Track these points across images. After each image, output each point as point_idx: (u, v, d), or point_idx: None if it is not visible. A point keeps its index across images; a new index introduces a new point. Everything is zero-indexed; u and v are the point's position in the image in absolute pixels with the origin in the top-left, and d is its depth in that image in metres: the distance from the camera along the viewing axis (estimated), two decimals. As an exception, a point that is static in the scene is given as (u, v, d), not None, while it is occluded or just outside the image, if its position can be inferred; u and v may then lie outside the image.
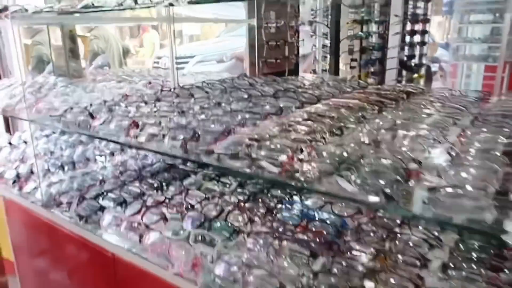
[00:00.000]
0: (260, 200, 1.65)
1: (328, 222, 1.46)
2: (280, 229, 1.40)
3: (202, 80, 2.25)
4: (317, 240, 1.31)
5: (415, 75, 5.05)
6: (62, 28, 2.67)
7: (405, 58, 4.80)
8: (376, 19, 4.11)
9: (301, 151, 1.01)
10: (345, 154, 1.00)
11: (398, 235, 1.28)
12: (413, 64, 4.90)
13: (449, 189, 0.79)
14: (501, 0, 5.32)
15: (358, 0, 3.97)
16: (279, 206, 1.60)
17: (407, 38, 4.65)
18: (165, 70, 2.99)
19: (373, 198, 0.80)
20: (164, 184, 1.85)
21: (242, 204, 1.61)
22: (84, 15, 1.86)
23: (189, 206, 1.59)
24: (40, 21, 2.25)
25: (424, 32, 4.78)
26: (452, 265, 1.12)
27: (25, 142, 2.52)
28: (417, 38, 4.77)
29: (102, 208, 1.65)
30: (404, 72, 4.93)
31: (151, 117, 1.44)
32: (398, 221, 1.36)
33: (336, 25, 3.96)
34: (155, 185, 1.84)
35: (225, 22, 4.18)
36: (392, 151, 1.02)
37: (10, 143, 2.51)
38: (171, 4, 1.11)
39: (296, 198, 1.63)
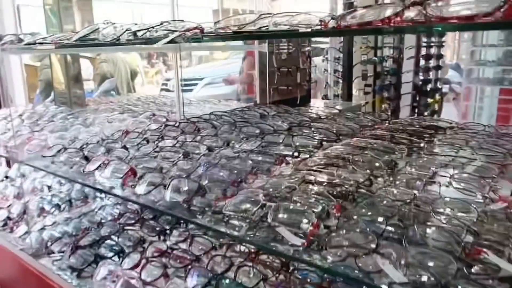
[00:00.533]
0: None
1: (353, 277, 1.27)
2: (298, 291, 1.21)
3: (210, 112, 2.11)
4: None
5: (431, 100, 4.89)
6: (65, 56, 2.57)
7: (420, 83, 4.64)
8: (390, 44, 3.98)
9: (328, 214, 0.84)
10: (380, 219, 0.82)
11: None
12: (428, 89, 4.74)
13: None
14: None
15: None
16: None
17: (422, 62, 4.51)
18: (173, 98, 2.85)
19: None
20: (167, 227, 1.67)
21: (253, 255, 1.43)
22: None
23: (194, 258, 1.42)
24: (35, 52, 2.14)
25: (439, 57, 4.64)
26: None
27: (23, 175, 2.38)
28: (432, 62, 4.62)
29: (97, 257, 1.48)
30: (417, 97, 4.77)
31: (151, 161, 1.28)
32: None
33: (349, 50, 3.83)
34: (158, 228, 1.67)
35: (235, 50, 4.07)
36: (438, 213, 0.84)
37: (6, 177, 2.37)
38: (174, 41, 0.97)
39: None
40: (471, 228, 0.77)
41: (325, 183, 1.04)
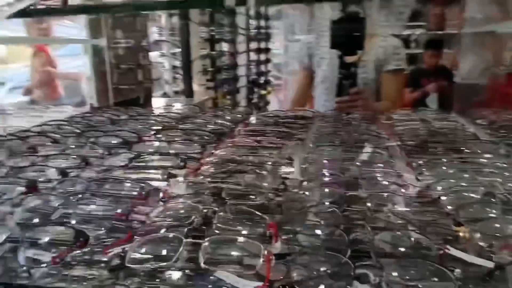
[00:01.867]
0: None
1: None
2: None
3: (40, 122, 1.64)
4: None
5: (264, 92, 5.18)
6: None
7: (253, 76, 4.85)
8: (226, 38, 3.99)
9: (270, 239, 0.66)
10: (331, 231, 0.69)
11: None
12: (261, 81, 5.00)
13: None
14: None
15: (206, 18, 3.76)
16: None
17: (254, 56, 4.71)
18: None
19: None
20: None
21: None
22: None
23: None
24: None
25: (267, 50, 4.93)
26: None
27: None
28: (262, 55, 4.88)
29: None
30: (252, 89, 4.98)
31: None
32: None
33: (187, 45, 3.67)
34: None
35: (60, 43, 3.42)
36: (383, 213, 0.77)
37: None
38: None
39: None
40: (422, 224, 0.72)
41: (239, 197, 0.86)
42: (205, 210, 0.77)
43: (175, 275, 0.60)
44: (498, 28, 2.76)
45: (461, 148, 1.18)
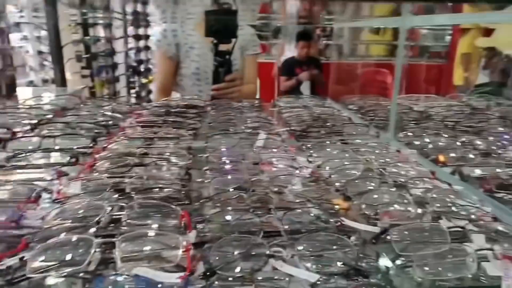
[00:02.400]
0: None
1: None
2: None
3: None
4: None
5: (145, 80, 4.96)
6: None
7: (133, 63, 4.60)
8: (101, 22, 3.69)
9: (185, 228, 0.67)
10: (240, 215, 0.73)
11: None
12: (141, 69, 4.77)
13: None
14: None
15: (76, -1, 3.42)
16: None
17: (133, 43, 4.46)
18: None
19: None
20: None
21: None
22: None
23: None
24: None
25: (147, 37, 4.71)
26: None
27: None
28: (141, 42, 4.64)
29: None
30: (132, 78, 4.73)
31: None
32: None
33: (55, 28, 3.28)
34: None
35: None
36: (283, 194, 0.83)
37: None
38: None
39: None
40: (319, 201, 0.80)
41: (144, 190, 0.84)
42: (109, 208, 0.73)
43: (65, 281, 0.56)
44: (363, 24, 3.13)
45: (340, 131, 1.33)
